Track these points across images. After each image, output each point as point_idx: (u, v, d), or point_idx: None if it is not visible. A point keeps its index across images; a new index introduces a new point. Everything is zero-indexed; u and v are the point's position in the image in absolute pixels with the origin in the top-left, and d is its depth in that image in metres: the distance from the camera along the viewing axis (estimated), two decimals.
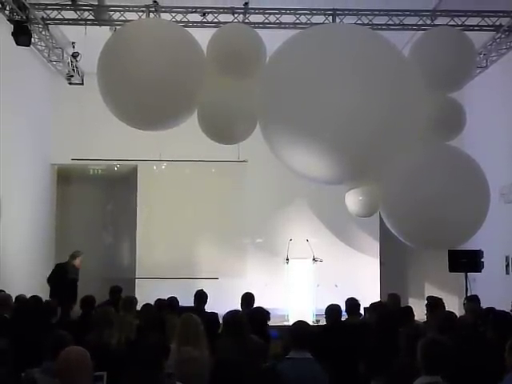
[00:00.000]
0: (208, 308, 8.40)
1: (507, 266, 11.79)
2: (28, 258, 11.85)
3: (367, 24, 10.27)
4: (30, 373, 4.76)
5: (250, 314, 7.03)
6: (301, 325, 5.45)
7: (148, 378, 4.28)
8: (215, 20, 10.44)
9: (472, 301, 8.66)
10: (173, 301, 8.05)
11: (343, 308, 7.69)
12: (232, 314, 6.29)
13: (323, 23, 10.19)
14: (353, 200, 10.12)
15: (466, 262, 11.35)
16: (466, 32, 9.97)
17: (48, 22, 10.65)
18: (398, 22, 10.58)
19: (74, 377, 3.92)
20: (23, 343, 5.92)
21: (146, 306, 7.66)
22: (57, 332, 5.04)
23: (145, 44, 8.69)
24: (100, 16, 10.68)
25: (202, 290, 8.61)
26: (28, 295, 8.28)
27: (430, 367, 4.27)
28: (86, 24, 10.62)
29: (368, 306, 8.10)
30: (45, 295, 9.06)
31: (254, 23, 10.30)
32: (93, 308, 7.69)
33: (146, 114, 8.70)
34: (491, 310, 6.84)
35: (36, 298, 7.98)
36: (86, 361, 4.00)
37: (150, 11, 10.20)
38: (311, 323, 10.91)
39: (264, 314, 7.21)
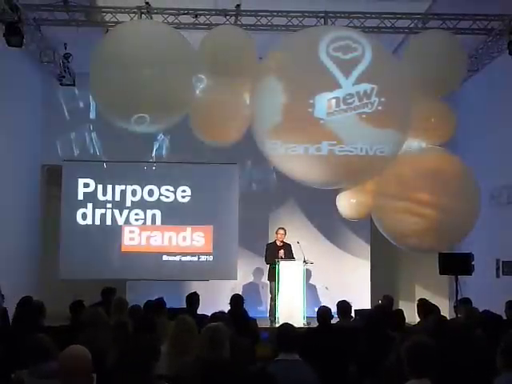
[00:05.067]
0: (198, 310, 8.39)
1: (498, 269, 11.81)
2: (16, 259, 11.79)
3: (359, 27, 10.27)
4: (20, 374, 4.74)
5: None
6: (286, 328, 5.46)
7: (137, 380, 4.26)
8: (207, 22, 10.42)
9: (466, 304, 8.70)
10: (160, 302, 8.04)
11: (334, 310, 7.70)
12: (216, 316, 6.31)
13: (315, 25, 10.18)
14: (344, 203, 10.18)
15: (457, 265, 11.36)
16: (458, 35, 10.03)
17: (40, 22, 10.61)
18: (389, 25, 10.58)
19: (76, 376, 3.93)
20: (12, 344, 5.90)
21: (135, 307, 7.65)
22: (35, 336, 5.00)
23: (137, 43, 8.75)
24: (92, 17, 10.67)
25: (194, 292, 8.63)
26: (15, 296, 8.25)
27: (417, 370, 4.25)
28: (77, 25, 10.59)
29: (359, 308, 8.11)
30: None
31: (246, 25, 10.30)
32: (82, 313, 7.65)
33: (139, 112, 8.75)
34: (483, 312, 6.85)
35: (25, 299, 7.96)
36: (87, 360, 4.01)
37: (142, 13, 10.18)
38: (302, 325, 10.91)
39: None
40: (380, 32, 10.51)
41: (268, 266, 12.34)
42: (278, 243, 12.39)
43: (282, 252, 12.00)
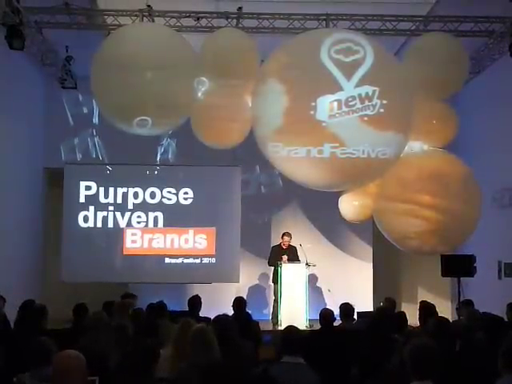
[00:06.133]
0: (200, 313, 8.39)
1: (499, 270, 11.81)
2: (18, 261, 11.80)
3: (360, 29, 10.27)
4: (22, 377, 4.74)
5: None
6: (291, 330, 5.46)
7: (139, 382, 4.26)
8: (209, 25, 10.42)
9: (468, 305, 8.69)
10: (161, 305, 8.05)
11: (336, 312, 7.70)
12: (219, 318, 6.31)
13: (317, 28, 10.18)
14: (346, 205, 10.18)
15: (459, 266, 11.37)
16: (459, 37, 10.03)
17: (41, 25, 10.62)
18: (391, 28, 10.59)
19: (68, 381, 3.91)
20: (14, 347, 5.90)
21: (137, 310, 7.64)
22: (37, 339, 5.00)
23: (138, 46, 8.77)
24: (93, 20, 10.68)
25: (196, 295, 8.66)
26: (17, 299, 8.26)
27: (420, 372, 4.24)
28: (79, 28, 10.60)
29: (361, 310, 8.09)
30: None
31: (248, 28, 10.30)
32: (85, 316, 7.64)
33: (141, 115, 8.78)
34: (485, 314, 6.85)
35: (27, 302, 7.96)
36: (81, 364, 4.00)
37: (144, 16, 10.18)
38: (304, 328, 10.90)
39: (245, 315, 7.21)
40: (382, 34, 10.51)
41: (272, 268, 12.34)
42: (283, 246, 12.38)
43: (285, 258, 11.96)
